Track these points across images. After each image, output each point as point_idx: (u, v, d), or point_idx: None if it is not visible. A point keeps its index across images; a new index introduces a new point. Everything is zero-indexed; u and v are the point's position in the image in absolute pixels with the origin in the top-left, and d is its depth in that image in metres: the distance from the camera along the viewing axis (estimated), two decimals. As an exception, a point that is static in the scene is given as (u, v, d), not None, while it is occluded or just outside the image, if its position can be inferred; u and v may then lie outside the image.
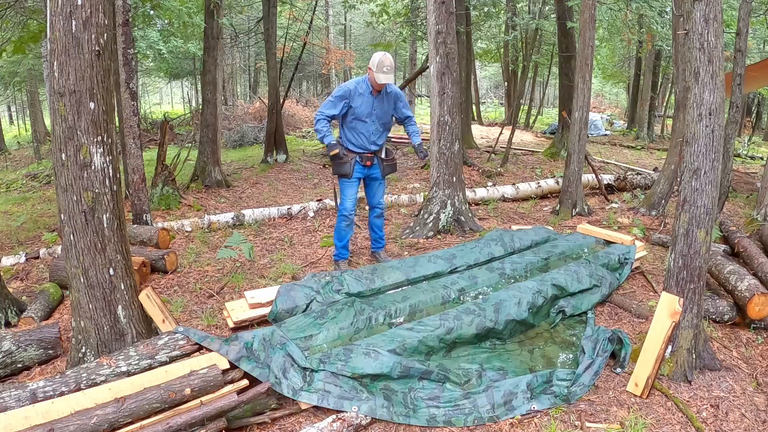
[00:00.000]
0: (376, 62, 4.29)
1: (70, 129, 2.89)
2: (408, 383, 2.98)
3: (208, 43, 8.77)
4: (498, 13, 14.15)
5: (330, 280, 3.97)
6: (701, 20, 3.01)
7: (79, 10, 2.82)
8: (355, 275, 4.07)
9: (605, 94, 35.24)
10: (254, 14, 17.41)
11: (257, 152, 12.52)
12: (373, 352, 3.03)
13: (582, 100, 6.61)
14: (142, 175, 5.97)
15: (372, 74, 4.32)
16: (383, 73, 4.28)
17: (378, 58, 4.29)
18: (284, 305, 3.69)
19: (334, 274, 4.09)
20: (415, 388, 2.96)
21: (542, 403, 2.90)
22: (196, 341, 3.01)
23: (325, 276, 4.05)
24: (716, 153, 3.06)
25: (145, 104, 25.15)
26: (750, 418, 2.83)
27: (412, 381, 3.00)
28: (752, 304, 3.59)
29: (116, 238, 3.12)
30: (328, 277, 4.02)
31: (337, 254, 4.84)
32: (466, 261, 4.49)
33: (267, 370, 2.88)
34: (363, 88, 4.41)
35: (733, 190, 8.29)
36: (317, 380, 2.91)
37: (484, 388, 2.96)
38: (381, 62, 4.27)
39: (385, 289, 4.05)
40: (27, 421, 2.36)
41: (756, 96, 19.72)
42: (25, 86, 17.80)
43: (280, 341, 3.08)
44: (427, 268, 4.32)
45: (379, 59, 4.28)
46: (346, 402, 2.80)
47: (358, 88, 4.40)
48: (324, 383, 2.88)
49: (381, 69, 4.27)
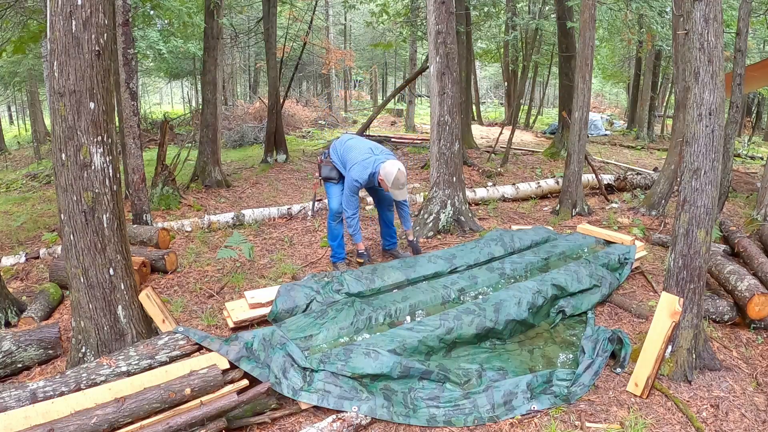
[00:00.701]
0: (391, 179, 4.30)
1: (70, 129, 2.89)
2: (408, 383, 2.98)
3: (208, 43, 8.77)
4: (498, 13, 14.15)
5: (330, 280, 3.97)
6: (701, 20, 3.01)
7: (79, 10, 2.82)
8: (355, 275, 4.07)
9: (605, 94, 35.24)
10: (254, 14, 17.41)
11: (257, 152, 12.52)
12: (373, 352, 3.03)
13: (582, 100, 6.61)
14: (142, 175, 5.97)
15: (385, 185, 4.38)
16: (398, 190, 4.34)
17: (393, 175, 4.28)
18: (284, 305, 3.70)
19: (334, 274, 4.09)
20: (415, 388, 2.96)
21: (542, 403, 2.90)
22: (196, 341, 3.01)
23: (324, 276, 4.05)
24: (716, 153, 3.06)
25: (145, 104, 25.14)
26: (750, 418, 2.83)
27: (412, 381, 3.00)
28: (752, 304, 3.59)
29: (116, 238, 3.12)
30: (328, 277, 4.02)
31: (333, 255, 4.85)
32: (466, 261, 4.49)
33: (267, 370, 2.88)
34: (374, 178, 4.45)
35: (733, 190, 8.29)
36: (317, 380, 2.91)
37: (484, 388, 2.96)
38: (397, 179, 4.29)
39: (384, 289, 4.05)
40: (27, 421, 2.36)
41: (756, 96, 19.72)
42: (25, 86, 17.80)
43: (280, 341, 3.08)
44: (427, 268, 4.32)
45: (395, 176, 4.28)
46: (346, 402, 2.80)
47: (372, 179, 4.44)
48: (324, 383, 2.88)
49: (397, 186, 4.31)
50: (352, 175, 4.38)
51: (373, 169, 4.37)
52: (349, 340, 3.34)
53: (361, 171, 4.36)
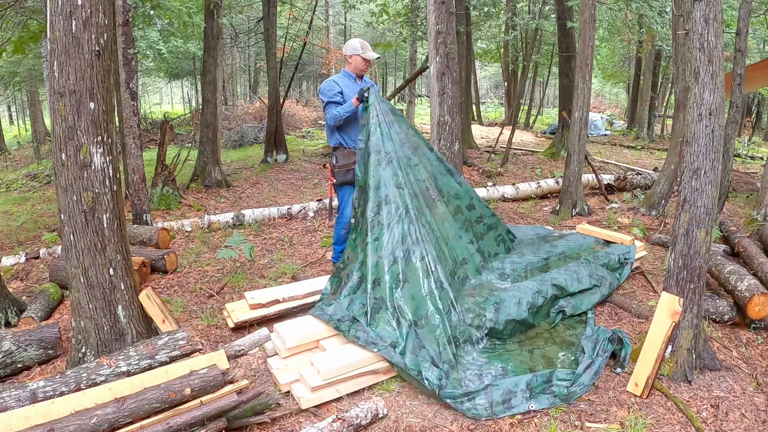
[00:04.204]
0: (358, 45, 4.33)
1: (70, 129, 2.90)
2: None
3: (208, 43, 8.77)
4: (498, 13, 14.14)
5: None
6: (701, 20, 3.01)
7: (79, 10, 2.82)
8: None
9: (605, 94, 35.23)
10: (254, 14, 17.40)
11: (257, 152, 12.51)
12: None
13: (582, 100, 6.61)
14: (142, 175, 5.97)
15: (357, 58, 4.32)
16: (369, 51, 4.34)
17: (356, 42, 4.34)
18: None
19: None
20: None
21: (541, 403, 2.90)
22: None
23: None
24: (716, 153, 3.06)
25: (145, 104, 25.13)
26: (750, 418, 2.83)
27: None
28: (752, 304, 3.59)
29: (116, 238, 3.12)
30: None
31: (335, 257, 4.77)
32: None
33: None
34: (345, 80, 4.38)
35: (733, 190, 8.29)
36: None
37: (483, 387, 2.96)
38: (363, 44, 4.33)
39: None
40: (27, 421, 2.36)
41: (756, 96, 19.72)
42: (25, 86, 17.79)
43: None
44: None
45: (359, 42, 4.34)
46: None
47: (341, 80, 4.37)
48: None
49: (366, 48, 4.33)
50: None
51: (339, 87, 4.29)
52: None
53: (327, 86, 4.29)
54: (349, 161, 4.35)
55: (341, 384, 2.96)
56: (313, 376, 2.94)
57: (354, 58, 4.33)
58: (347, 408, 2.83)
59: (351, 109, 4.17)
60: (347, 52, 4.35)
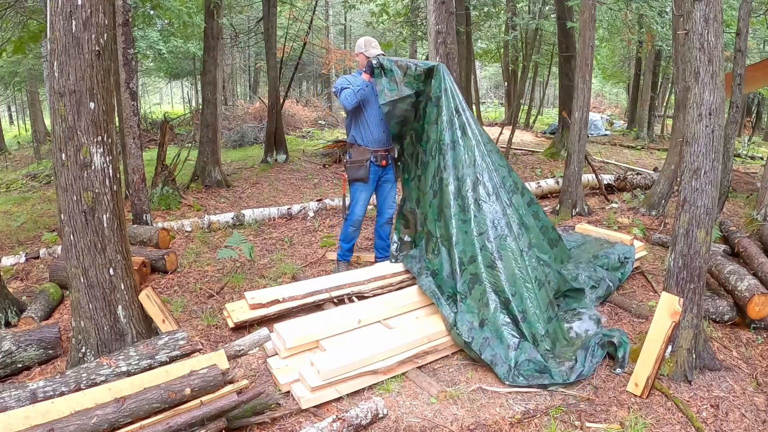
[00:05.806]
0: (362, 44, 4.46)
1: (70, 129, 2.90)
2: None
3: (208, 43, 8.77)
4: (498, 13, 14.14)
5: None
6: (701, 20, 3.01)
7: (79, 10, 2.82)
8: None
9: (605, 94, 35.21)
10: (254, 14, 17.40)
11: (257, 152, 12.51)
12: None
13: (582, 100, 6.61)
14: (142, 175, 5.97)
15: (362, 56, 4.43)
16: (373, 48, 4.42)
17: (361, 41, 4.48)
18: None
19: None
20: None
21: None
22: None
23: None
24: (716, 153, 3.06)
25: (145, 104, 25.14)
26: (750, 418, 2.83)
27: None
28: (752, 304, 3.59)
29: (116, 238, 3.12)
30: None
31: (341, 255, 4.76)
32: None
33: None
34: (357, 78, 4.43)
35: (733, 190, 8.29)
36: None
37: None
38: (367, 41, 4.46)
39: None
40: (27, 421, 2.36)
41: (756, 96, 19.70)
42: (25, 86, 17.78)
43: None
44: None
45: (364, 40, 4.47)
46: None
47: (351, 78, 4.45)
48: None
49: (370, 45, 4.43)
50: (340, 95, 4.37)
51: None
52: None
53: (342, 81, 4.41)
54: (362, 158, 4.42)
55: (341, 384, 2.96)
56: (313, 376, 2.94)
57: (360, 56, 4.48)
58: (347, 408, 2.83)
59: (362, 85, 4.28)
60: (355, 51, 4.54)
